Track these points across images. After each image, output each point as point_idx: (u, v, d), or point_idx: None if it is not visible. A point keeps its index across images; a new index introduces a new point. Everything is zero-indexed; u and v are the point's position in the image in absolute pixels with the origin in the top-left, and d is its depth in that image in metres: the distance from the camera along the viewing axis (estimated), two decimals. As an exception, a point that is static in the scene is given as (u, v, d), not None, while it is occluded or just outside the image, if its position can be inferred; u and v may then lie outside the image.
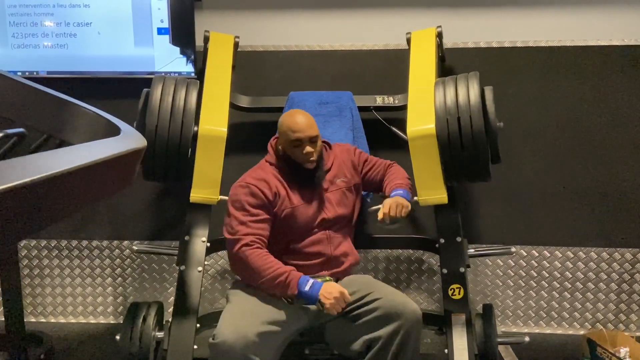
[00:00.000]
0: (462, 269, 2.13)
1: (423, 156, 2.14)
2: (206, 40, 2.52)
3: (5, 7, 2.68)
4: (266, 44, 2.75)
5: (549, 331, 2.77)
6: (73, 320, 2.92)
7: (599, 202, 2.70)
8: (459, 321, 2.07)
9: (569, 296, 2.75)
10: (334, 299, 1.77)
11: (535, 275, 2.75)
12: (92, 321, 2.92)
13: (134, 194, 2.76)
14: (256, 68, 2.75)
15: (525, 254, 2.75)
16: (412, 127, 2.16)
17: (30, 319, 2.91)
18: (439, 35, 2.47)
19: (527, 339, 2.15)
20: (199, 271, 2.15)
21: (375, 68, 2.72)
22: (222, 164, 2.23)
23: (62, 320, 2.92)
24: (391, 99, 2.55)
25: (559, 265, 2.73)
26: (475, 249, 2.29)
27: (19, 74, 2.67)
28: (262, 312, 1.83)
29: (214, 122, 2.24)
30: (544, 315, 2.77)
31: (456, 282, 2.12)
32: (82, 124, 1.37)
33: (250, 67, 2.74)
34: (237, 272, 2.01)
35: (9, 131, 1.33)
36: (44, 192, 0.70)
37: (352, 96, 2.54)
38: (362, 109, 2.54)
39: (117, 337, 2.11)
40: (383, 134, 2.52)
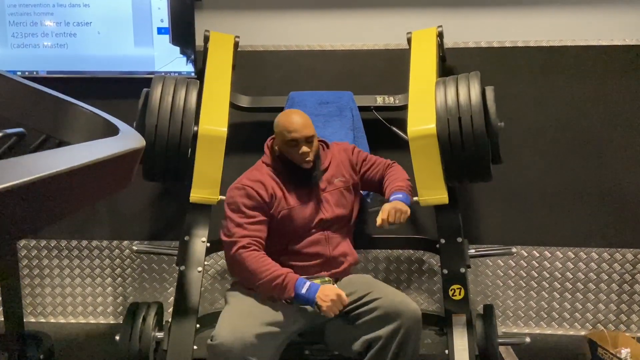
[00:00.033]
0: (462, 270, 2.13)
1: (423, 156, 2.13)
2: (206, 40, 2.51)
3: (5, 6, 2.67)
4: (266, 43, 2.75)
5: (549, 332, 2.76)
6: (73, 320, 2.92)
7: (600, 202, 2.70)
8: (459, 322, 2.07)
9: (569, 297, 2.74)
10: (330, 301, 1.77)
11: (536, 275, 2.75)
12: (91, 321, 2.91)
13: (134, 194, 2.75)
14: (256, 68, 2.75)
15: (526, 254, 2.74)
16: (412, 127, 2.16)
17: (30, 319, 2.90)
18: (439, 35, 2.47)
19: (528, 339, 2.14)
20: (198, 271, 2.15)
21: (376, 68, 2.72)
22: (222, 164, 2.22)
23: (62, 320, 2.92)
24: (392, 98, 2.55)
25: (560, 266, 2.73)
26: (476, 250, 2.29)
27: (18, 73, 2.67)
28: (261, 313, 1.82)
29: (214, 122, 2.24)
30: (545, 316, 2.76)
31: (457, 283, 2.11)
32: (81, 124, 1.38)
33: (250, 67, 2.74)
34: (234, 274, 2.01)
35: (9, 131, 1.33)
36: (43, 191, 0.70)
37: (353, 96, 2.53)
38: (362, 108, 2.54)
39: (117, 337, 2.11)
40: (383, 134, 2.52)
